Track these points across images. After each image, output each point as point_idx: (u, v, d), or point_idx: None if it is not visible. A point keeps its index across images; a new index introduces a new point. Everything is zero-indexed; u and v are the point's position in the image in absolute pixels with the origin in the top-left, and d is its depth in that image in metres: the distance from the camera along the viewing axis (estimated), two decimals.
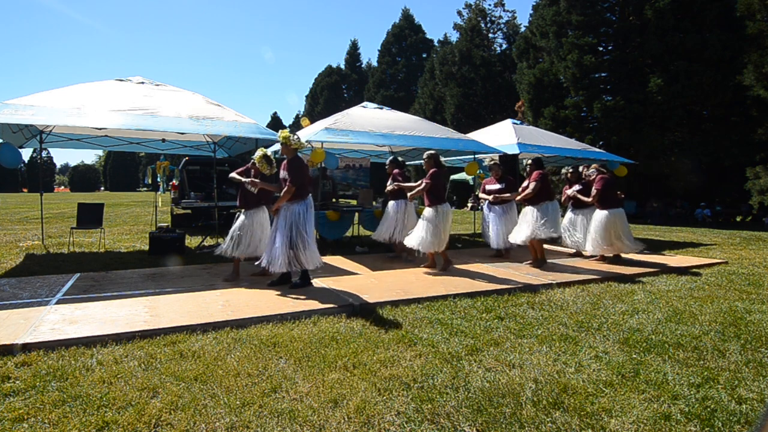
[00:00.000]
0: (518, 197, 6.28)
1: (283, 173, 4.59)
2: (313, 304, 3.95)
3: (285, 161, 4.64)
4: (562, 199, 6.95)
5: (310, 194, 4.68)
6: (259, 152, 4.77)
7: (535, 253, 6.13)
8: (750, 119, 14.21)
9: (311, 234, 4.56)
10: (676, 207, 16.25)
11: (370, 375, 2.64)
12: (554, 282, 5.05)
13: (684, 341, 3.26)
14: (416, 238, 5.52)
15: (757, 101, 13.27)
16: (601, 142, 15.46)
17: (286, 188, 4.45)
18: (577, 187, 6.80)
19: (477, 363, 2.84)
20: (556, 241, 6.67)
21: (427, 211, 5.55)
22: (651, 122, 14.82)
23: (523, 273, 5.60)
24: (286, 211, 4.46)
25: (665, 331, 3.47)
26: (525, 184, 6.18)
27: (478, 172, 8.23)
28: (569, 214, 7.03)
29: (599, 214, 6.29)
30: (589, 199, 6.48)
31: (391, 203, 6.48)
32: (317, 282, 4.87)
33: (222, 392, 2.40)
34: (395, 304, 4.09)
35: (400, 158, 6.19)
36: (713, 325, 3.64)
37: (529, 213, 6.06)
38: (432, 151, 5.77)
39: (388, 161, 6.70)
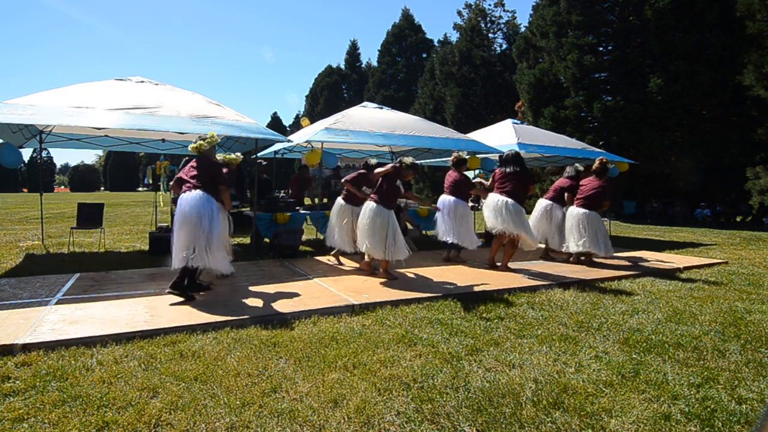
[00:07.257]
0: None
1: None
2: (313, 304, 3.95)
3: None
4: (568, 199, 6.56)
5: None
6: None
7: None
8: (750, 119, 14.21)
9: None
10: (677, 207, 16.24)
11: (370, 375, 2.64)
12: (554, 282, 5.06)
13: (684, 341, 3.26)
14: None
15: (757, 101, 13.27)
16: (601, 142, 15.46)
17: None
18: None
19: (477, 363, 2.84)
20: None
21: None
22: (651, 122, 14.82)
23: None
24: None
25: (665, 331, 3.47)
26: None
27: (477, 171, 8.23)
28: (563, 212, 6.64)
29: (594, 215, 6.11)
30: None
31: None
32: (318, 281, 4.87)
33: (222, 392, 2.40)
34: (395, 304, 4.09)
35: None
36: (713, 325, 3.64)
37: None
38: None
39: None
